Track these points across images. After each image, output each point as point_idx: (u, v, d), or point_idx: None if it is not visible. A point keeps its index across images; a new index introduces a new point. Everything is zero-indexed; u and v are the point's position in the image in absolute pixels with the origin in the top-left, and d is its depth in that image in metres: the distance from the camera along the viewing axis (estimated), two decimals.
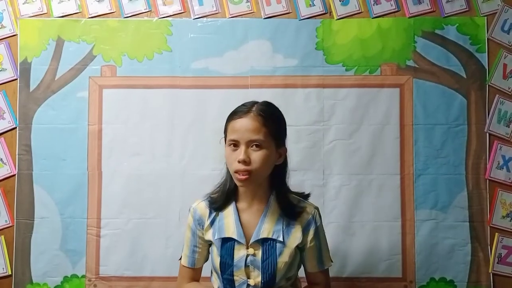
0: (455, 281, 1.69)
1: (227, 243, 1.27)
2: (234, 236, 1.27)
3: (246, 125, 1.22)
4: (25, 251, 1.71)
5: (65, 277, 1.71)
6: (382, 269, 1.70)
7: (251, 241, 1.26)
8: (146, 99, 1.74)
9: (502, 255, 1.70)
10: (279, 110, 1.31)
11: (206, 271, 1.42)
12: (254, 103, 1.27)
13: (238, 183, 1.25)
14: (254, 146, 1.21)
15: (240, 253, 1.26)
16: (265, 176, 1.27)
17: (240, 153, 1.20)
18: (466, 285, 1.69)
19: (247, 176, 1.21)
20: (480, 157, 1.72)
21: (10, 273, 1.71)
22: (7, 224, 1.72)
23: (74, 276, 1.71)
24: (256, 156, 1.21)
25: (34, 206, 1.72)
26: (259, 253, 1.25)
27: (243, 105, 1.27)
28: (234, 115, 1.25)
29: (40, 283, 1.71)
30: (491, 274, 1.69)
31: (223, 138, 1.31)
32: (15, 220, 1.72)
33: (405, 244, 1.70)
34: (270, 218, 1.28)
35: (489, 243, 1.70)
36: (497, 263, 1.70)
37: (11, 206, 1.72)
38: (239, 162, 1.20)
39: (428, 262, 1.69)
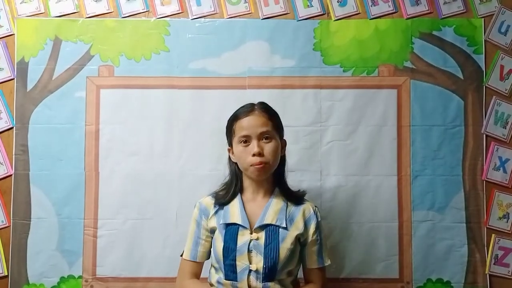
0: (451, 282, 1.70)
1: (231, 228, 1.33)
2: (239, 222, 1.32)
3: (254, 120, 1.33)
4: (21, 251, 1.71)
5: (62, 278, 1.70)
6: (379, 270, 1.70)
7: (254, 226, 1.32)
8: (143, 99, 1.74)
9: (499, 256, 1.70)
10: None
11: (205, 272, 1.42)
12: (252, 104, 1.38)
13: (254, 175, 1.34)
14: (264, 138, 1.33)
15: (243, 238, 1.31)
16: (276, 166, 1.36)
17: (254, 147, 1.31)
18: (463, 286, 1.69)
19: (263, 166, 1.31)
20: (477, 158, 1.72)
21: (6, 273, 1.70)
22: (4, 224, 1.71)
23: (71, 276, 1.70)
24: (269, 147, 1.32)
25: (30, 207, 1.71)
26: (262, 238, 1.31)
27: (242, 107, 1.38)
28: (239, 115, 1.36)
29: (36, 283, 1.70)
30: (487, 275, 1.70)
31: (227, 143, 1.39)
32: (11, 220, 1.71)
33: (402, 245, 1.70)
34: (274, 207, 1.35)
35: (485, 244, 1.70)
36: (494, 264, 1.70)
37: (7, 206, 1.71)
38: (254, 155, 1.30)
39: (425, 263, 1.70)
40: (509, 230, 1.71)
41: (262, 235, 1.31)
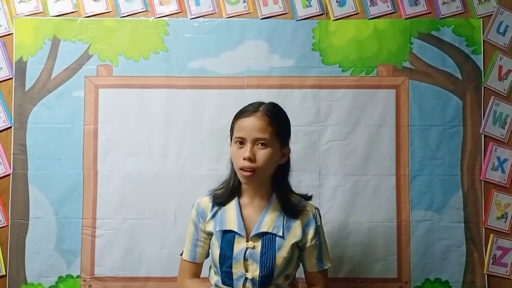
0: (450, 282, 1.70)
1: (227, 236, 1.31)
2: (235, 229, 1.30)
3: (253, 123, 1.27)
4: (19, 251, 1.70)
5: (60, 277, 1.70)
6: (378, 269, 1.70)
7: (251, 234, 1.30)
8: (142, 99, 1.74)
9: (497, 256, 1.71)
10: (285, 112, 1.37)
11: (205, 272, 1.42)
12: (261, 103, 1.32)
13: (242, 180, 1.30)
14: (259, 144, 1.26)
15: (240, 246, 1.29)
16: (269, 174, 1.32)
17: (246, 151, 1.25)
18: (461, 286, 1.70)
19: (251, 173, 1.26)
20: (475, 158, 1.73)
21: (4, 273, 1.70)
22: (2, 224, 1.71)
23: (69, 276, 1.70)
24: (261, 154, 1.26)
25: (29, 206, 1.71)
26: (259, 247, 1.29)
27: (250, 105, 1.33)
28: (242, 114, 1.30)
29: (34, 283, 1.70)
30: (485, 275, 1.70)
31: (229, 136, 1.35)
32: (9, 220, 1.71)
33: (400, 245, 1.71)
34: (271, 214, 1.32)
35: (484, 244, 1.71)
36: (492, 264, 1.70)
37: (5, 205, 1.71)
38: (244, 159, 1.25)
39: (423, 262, 1.70)
40: (507, 230, 1.72)
41: (258, 244, 1.29)
